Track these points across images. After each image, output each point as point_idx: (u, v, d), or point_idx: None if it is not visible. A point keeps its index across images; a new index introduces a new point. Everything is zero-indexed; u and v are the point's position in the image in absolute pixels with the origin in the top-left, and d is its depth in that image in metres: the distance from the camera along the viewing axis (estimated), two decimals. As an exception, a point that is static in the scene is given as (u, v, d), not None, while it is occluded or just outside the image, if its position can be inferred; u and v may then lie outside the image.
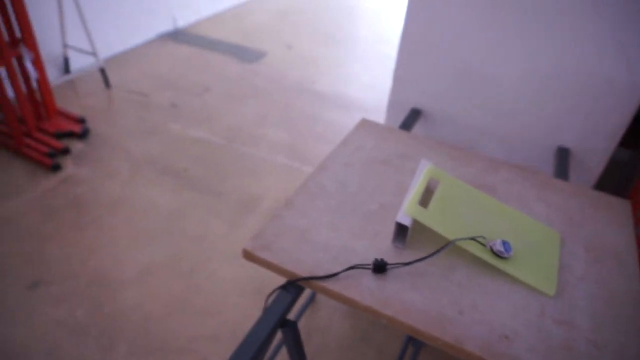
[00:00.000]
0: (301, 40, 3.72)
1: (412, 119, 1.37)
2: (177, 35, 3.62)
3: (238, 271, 1.69)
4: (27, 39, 2.15)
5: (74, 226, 1.83)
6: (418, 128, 1.49)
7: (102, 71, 2.81)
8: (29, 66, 2.21)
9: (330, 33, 3.92)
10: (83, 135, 2.32)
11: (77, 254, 1.71)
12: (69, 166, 2.13)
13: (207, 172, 2.16)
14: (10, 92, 2.15)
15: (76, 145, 2.27)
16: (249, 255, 0.78)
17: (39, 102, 2.32)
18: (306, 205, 0.88)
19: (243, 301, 1.60)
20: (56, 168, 2.10)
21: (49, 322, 1.49)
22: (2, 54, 2.02)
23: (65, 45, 2.83)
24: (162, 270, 1.68)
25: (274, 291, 0.76)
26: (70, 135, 2.31)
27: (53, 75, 2.82)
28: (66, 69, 2.92)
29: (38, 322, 1.49)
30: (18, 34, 2.14)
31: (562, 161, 1.31)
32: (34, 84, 2.27)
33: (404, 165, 1.04)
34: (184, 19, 3.82)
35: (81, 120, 2.39)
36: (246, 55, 3.36)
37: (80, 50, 2.83)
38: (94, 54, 2.75)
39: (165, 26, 3.66)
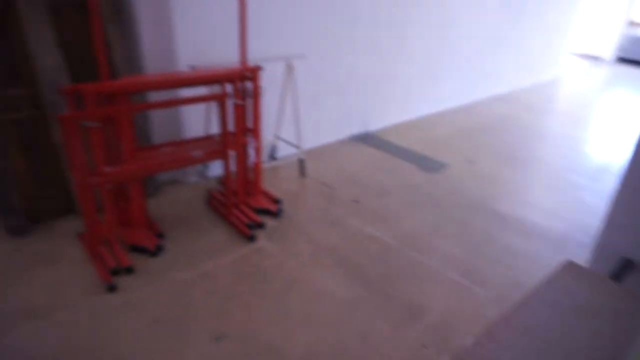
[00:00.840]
0: (483, 157, 3.76)
1: (623, 269, 1.27)
2: (366, 138, 4.00)
3: (396, 380, 1.68)
4: (255, 130, 2.63)
5: (257, 293, 2.06)
6: (630, 281, 1.36)
7: (301, 162, 3.23)
8: (251, 152, 2.68)
9: (513, 153, 3.89)
10: (277, 214, 2.66)
11: (256, 319, 1.91)
12: (261, 239, 2.45)
13: (378, 270, 2.25)
14: (232, 169, 2.62)
15: (270, 223, 2.60)
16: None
17: (250, 181, 2.77)
18: (508, 340, 0.88)
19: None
20: (252, 239, 2.43)
21: (223, 377, 1.66)
22: (237, 141, 2.51)
23: (276, 136, 3.36)
24: (324, 358, 1.75)
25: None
26: (267, 212, 2.67)
27: (263, 159, 3.34)
28: (272, 155, 3.44)
29: (215, 374, 1.67)
30: (249, 125, 2.64)
31: None
32: (250, 166, 2.73)
33: (618, 322, 0.96)
34: (374, 124, 4.23)
35: (277, 202, 2.75)
36: (428, 165, 3.52)
37: (288, 142, 3.33)
38: (298, 146, 3.20)
39: (357, 129, 4.09)
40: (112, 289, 2.01)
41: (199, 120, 2.89)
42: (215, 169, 3.12)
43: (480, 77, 5.48)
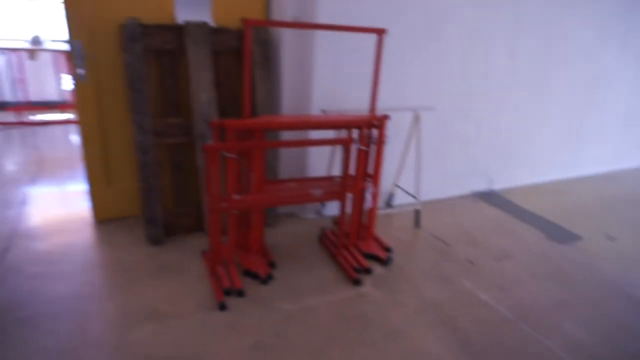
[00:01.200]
0: (627, 234, 3.30)
1: None
2: (489, 196, 3.80)
3: None
4: (375, 177, 2.67)
5: (354, 338, 2.03)
6: None
7: (417, 212, 3.18)
8: (368, 197, 2.72)
9: (668, 235, 3.35)
10: (386, 262, 2.63)
11: (350, 366, 1.88)
12: (367, 284, 2.43)
13: (486, 341, 2.08)
14: (347, 211, 2.68)
15: (378, 269, 2.58)
16: None
17: (363, 224, 2.79)
18: None
19: None
20: (357, 282, 2.43)
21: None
22: (356, 185, 2.57)
23: (395, 184, 3.36)
24: (416, 423, 1.65)
25: None
26: (376, 258, 2.66)
27: (379, 205, 3.36)
28: (388, 202, 3.44)
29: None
30: (370, 170, 2.69)
31: None
32: (366, 211, 2.76)
33: None
34: (499, 183, 4.01)
35: (388, 249, 2.73)
36: (557, 234, 3.21)
37: (406, 191, 3.31)
38: (415, 196, 3.16)
39: (481, 186, 3.91)
40: (222, 307, 2.15)
41: (322, 160, 3.04)
42: (332, 208, 3.22)
43: (632, 143, 4.90)
